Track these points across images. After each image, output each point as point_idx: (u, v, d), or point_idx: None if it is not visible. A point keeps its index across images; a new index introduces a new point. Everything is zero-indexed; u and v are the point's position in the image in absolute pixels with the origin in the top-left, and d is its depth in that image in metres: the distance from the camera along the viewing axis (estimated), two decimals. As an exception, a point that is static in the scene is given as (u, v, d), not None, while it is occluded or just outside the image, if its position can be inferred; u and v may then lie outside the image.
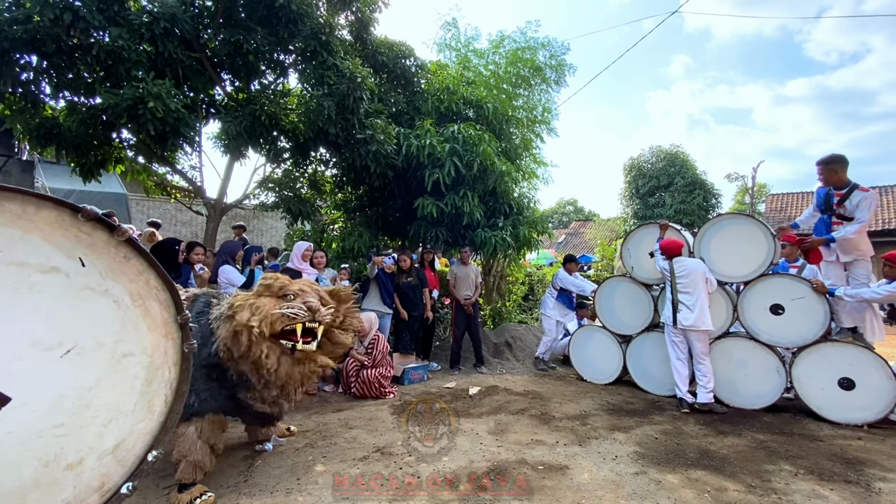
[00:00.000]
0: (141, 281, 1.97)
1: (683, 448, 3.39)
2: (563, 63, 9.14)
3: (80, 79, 4.99)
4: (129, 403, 1.94)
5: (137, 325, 1.96)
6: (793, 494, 2.67)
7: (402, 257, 5.72)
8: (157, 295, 2.03)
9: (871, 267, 4.15)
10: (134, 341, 1.95)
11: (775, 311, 4.28)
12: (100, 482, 1.85)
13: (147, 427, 2.01)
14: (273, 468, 3.01)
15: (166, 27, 4.65)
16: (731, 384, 4.43)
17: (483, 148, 5.98)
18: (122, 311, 1.91)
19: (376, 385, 4.59)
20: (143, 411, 1.99)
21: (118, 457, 1.91)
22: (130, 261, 1.94)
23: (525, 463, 3.09)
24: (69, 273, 1.75)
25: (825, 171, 4.16)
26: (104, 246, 1.85)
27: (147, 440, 2.02)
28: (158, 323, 2.05)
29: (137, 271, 1.96)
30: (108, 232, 1.85)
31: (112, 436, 1.88)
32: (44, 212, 1.69)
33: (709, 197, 21.85)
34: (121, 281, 1.90)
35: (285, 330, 2.51)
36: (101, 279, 1.85)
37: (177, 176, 6.70)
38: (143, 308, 1.98)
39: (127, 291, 1.92)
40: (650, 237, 5.04)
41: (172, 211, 11.09)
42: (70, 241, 1.76)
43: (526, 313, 9.62)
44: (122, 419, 1.92)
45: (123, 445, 1.92)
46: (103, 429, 1.85)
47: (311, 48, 5.22)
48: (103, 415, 1.85)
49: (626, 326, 5.27)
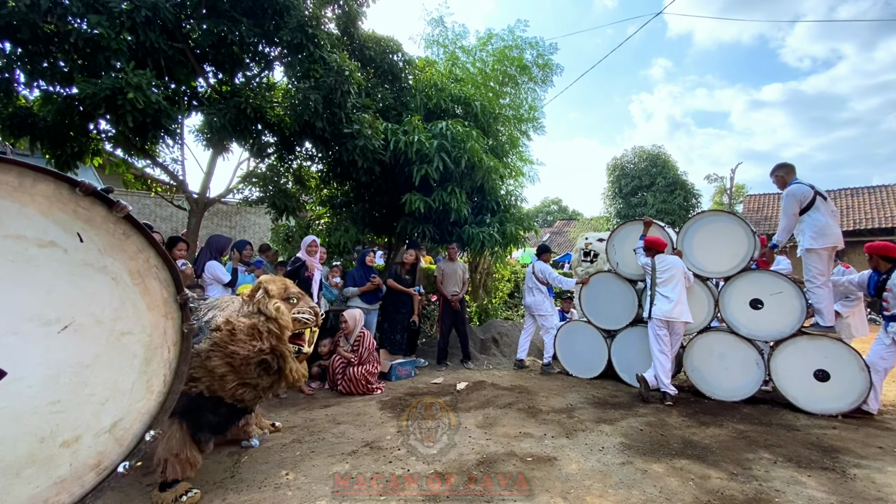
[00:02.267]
0: (140, 259, 1.95)
1: (667, 438, 3.46)
2: (550, 63, 9.23)
3: (56, 68, 4.81)
4: (127, 382, 1.92)
5: (136, 303, 1.93)
6: (773, 481, 2.76)
7: (408, 253, 5.75)
8: (156, 273, 2.01)
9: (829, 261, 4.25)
10: (133, 319, 1.92)
11: (755, 305, 4.40)
12: (96, 460, 1.84)
13: (145, 407, 1.99)
14: (261, 464, 2.97)
15: (147, 16, 4.51)
16: (713, 377, 4.54)
17: (471, 144, 5.99)
18: (121, 288, 1.88)
19: (363, 382, 4.56)
20: (142, 391, 1.97)
21: (115, 436, 1.89)
22: (130, 238, 1.91)
23: (514, 455, 3.11)
24: (67, 248, 1.73)
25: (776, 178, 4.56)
26: (102, 222, 1.82)
27: (145, 420, 1.99)
28: (158, 302, 2.02)
29: (137, 249, 1.94)
30: (106, 208, 1.82)
31: (109, 414, 1.87)
32: (41, 185, 1.66)
33: (689, 197, 22.34)
34: (120, 258, 1.88)
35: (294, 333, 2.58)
36: (100, 255, 1.82)
37: (157, 169, 6.53)
38: (142, 286, 1.95)
39: (126, 269, 1.90)
40: (634, 233, 5.13)
41: (152, 206, 10.81)
42: (68, 215, 1.73)
43: (512, 310, 9.69)
44: (120, 398, 1.90)
45: (121, 424, 1.91)
46: (100, 407, 1.83)
47: (298, 40, 5.13)
48: (101, 393, 1.83)
49: (610, 321, 5.35)
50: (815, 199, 4.19)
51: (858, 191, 18.77)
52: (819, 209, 4.20)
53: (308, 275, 4.75)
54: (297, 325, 2.56)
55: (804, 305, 4.17)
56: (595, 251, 6.03)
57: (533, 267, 5.99)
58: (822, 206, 4.20)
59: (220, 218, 12.43)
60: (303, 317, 2.57)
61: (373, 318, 5.62)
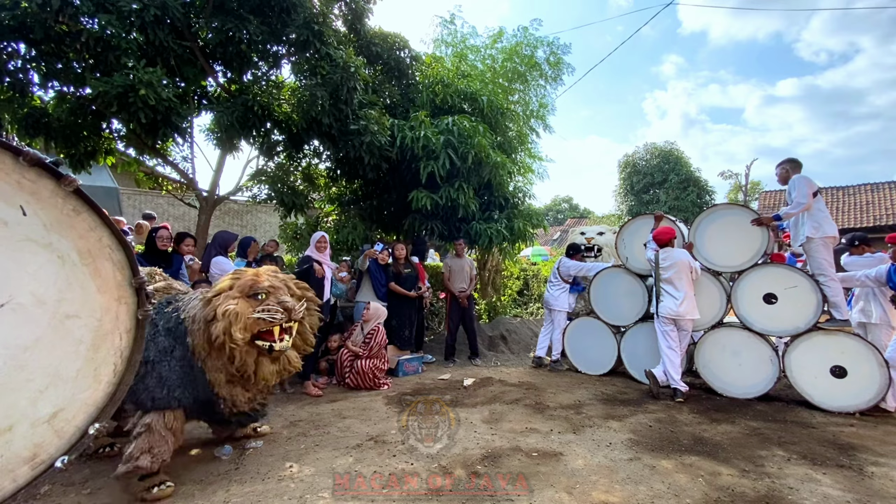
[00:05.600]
0: (92, 238, 1.80)
1: (677, 435, 3.39)
2: (562, 61, 9.15)
3: (69, 68, 4.91)
4: (70, 369, 1.77)
5: (85, 284, 1.79)
6: (786, 478, 2.68)
7: (398, 247, 5.68)
8: (110, 254, 1.86)
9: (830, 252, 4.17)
10: (80, 302, 1.78)
11: (768, 300, 4.29)
12: (31, 452, 1.69)
13: (91, 397, 1.84)
14: (265, 456, 2.98)
15: (157, 15, 4.57)
16: (725, 373, 4.45)
17: (478, 140, 5.96)
18: (68, 268, 1.74)
19: (370, 376, 4.56)
20: (88, 379, 1.82)
21: (55, 427, 1.74)
22: (81, 215, 1.77)
23: (519, 450, 3.08)
24: (7, 221, 1.60)
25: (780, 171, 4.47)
26: (50, 196, 1.68)
27: (90, 411, 1.85)
28: (110, 285, 1.87)
29: (88, 227, 1.80)
30: (54, 181, 1.68)
31: (49, 403, 1.71)
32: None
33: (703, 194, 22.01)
34: (68, 236, 1.74)
35: (261, 331, 2.47)
36: (45, 231, 1.68)
37: (168, 168, 6.62)
38: (92, 267, 1.81)
39: (75, 248, 1.76)
40: (645, 228, 5.04)
41: (164, 205, 10.99)
42: (11, 186, 1.59)
43: (521, 308, 9.63)
44: (62, 386, 1.75)
45: (62, 415, 1.75)
46: (39, 395, 1.68)
47: (304, 37, 5.15)
48: (40, 379, 1.68)
49: (620, 317, 5.28)
50: (818, 191, 4.18)
51: (879, 186, 18.26)
52: (821, 200, 4.19)
53: (319, 275, 4.72)
54: (261, 324, 2.44)
55: (820, 300, 4.05)
56: (598, 245, 5.94)
57: (558, 263, 5.96)
58: (821, 198, 4.21)
59: (231, 216, 12.58)
60: (265, 316, 2.44)
61: (383, 314, 5.61)
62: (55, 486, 2.56)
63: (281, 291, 2.57)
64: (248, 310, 2.42)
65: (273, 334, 2.49)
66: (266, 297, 2.50)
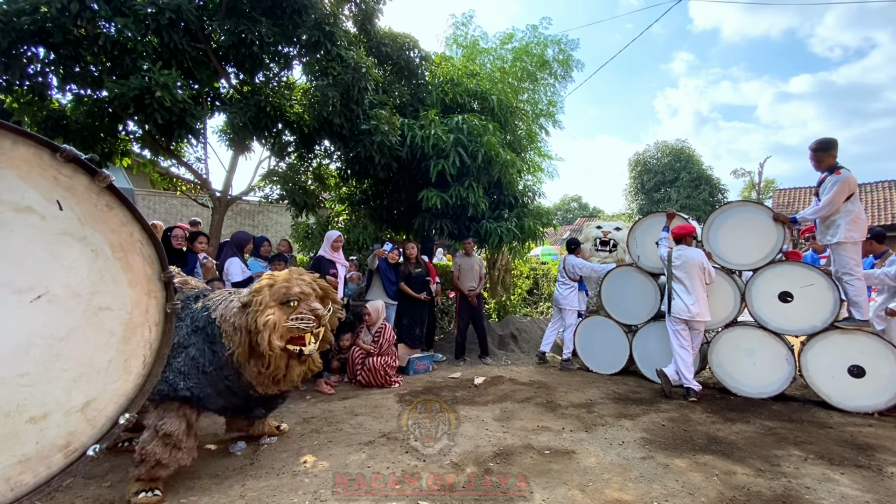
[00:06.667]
0: (124, 232, 1.85)
1: (691, 434, 3.36)
2: (571, 58, 9.11)
3: (86, 71, 5.01)
4: (102, 360, 1.81)
5: (117, 278, 1.83)
6: (803, 478, 2.64)
7: (409, 246, 5.70)
8: (140, 249, 1.91)
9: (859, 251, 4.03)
10: (112, 295, 1.82)
11: (784, 298, 4.23)
12: (65, 441, 1.72)
13: (122, 388, 1.88)
14: (280, 452, 3.01)
15: (172, 18, 4.64)
16: (739, 373, 4.39)
17: (487, 138, 5.96)
18: (101, 261, 1.78)
19: (382, 373, 4.59)
20: (119, 370, 1.86)
21: (87, 416, 1.78)
22: (113, 210, 1.82)
23: (531, 448, 3.07)
24: (45, 215, 1.64)
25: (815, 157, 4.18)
26: (85, 191, 1.73)
27: (121, 402, 1.88)
28: (140, 279, 1.91)
29: (120, 222, 1.84)
30: (89, 177, 1.73)
31: (82, 393, 1.75)
32: (21, 148, 1.58)
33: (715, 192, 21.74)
34: (101, 230, 1.78)
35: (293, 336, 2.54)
36: (80, 225, 1.72)
37: (182, 169, 6.72)
38: (124, 261, 1.85)
39: (107, 242, 1.80)
40: (657, 226, 5.00)
41: (178, 206, 11.15)
42: (48, 181, 1.64)
43: (531, 307, 9.60)
44: (95, 376, 1.79)
45: (94, 405, 1.79)
46: (73, 384, 1.72)
47: (315, 38, 5.20)
48: (74, 369, 1.72)
49: (632, 316, 5.24)
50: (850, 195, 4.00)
51: None
52: (855, 199, 4.01)
53: (333, 272, 4.76)
54: (294, 332, 2.51)
55: (837, 298, 3.98)
56: (614, 240, 5.85)
57: (564, 262, 5.92)
58: (856, 196, 4.02)
59: (244, 217, 12.72)
60: (300, 325, 2.52)
61: (391, 313, 5.64)
62: (76, 478, 2.61)
63: (311, 298, 2.64)
64: (282, 318, 2.48)
65: (304, 339, 2.56)
66: (298, 305, 2.56)
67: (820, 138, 4.16)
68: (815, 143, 4.16)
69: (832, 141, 4.11)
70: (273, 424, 3.35)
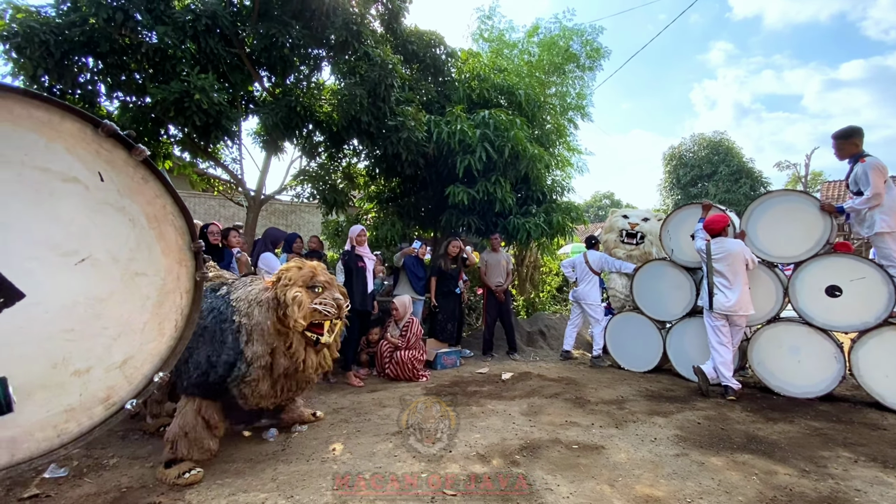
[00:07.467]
0: (158, 204, 1.97)
1: (728, 433, 3.22)
2: (598, 48, 8.92)
3: (131, 79, 5.31)
4: (139, 321, 1.93)
5: (152, 246, 1.96)
6: (852, 480, 2.49)
7: (452, 244, 5.74)
8: (172, 220, 2.03)
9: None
10: (147, 261, 1.94)
11: (832, 293, 3.99)
12: (106, 394, 1.85)
13: (156, 348, 2.01)
14: (310, 440, 3.09)
15: (208, 24, 4.86)
16: (782, 372, 4.17)
17: (514, 133, 5.90)
18: (138, 230, 1.91)
19: (409, 366, 4.63)
20: (153, 332, 1.99)
21: (125, 372, 1.90)
22: (148, 183, 1.94)
23: (559, 442, 3.03)
24: (88, 185, 1.77)
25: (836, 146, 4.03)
26: (123, 164, 1.86)
27: (155, 361, 2.01)
28: (173, 248, 2.04)
29: (154, 194, 1.96)
30: (126, 151, 1.85)
31: (120, 350, 1.88)
32: (67, 122, 1.70)
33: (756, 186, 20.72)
34: (137, 201, 1.91)
35: (313, 323, 2.60)
36: (119, 196, 1.85)
37: (219, 169, 7.00)
38: (157, 231, 1.98)
39: (143, 212, 1.93)
40: (692, 219, 4.82)
41: (216, 206, 11.63)
42: (91, 154, 1.76)
43: (560, 304, 9.44)
44: (132, 336, 1.91)
45: (131, 362, 1.92)
46: (112, 342, 1.85)
47: (343, 38, 5.30)
48: (113, 328, 1.85)
49: (665, 312, 5.06)
50: None
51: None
52: (890, 186, 3.78)
53: (361, 265, 4.84)
54: (316, 316, 2.57)
55: (893, 292, 3.72)
56: (642, 232, 5.62)
57: (586, 257, 5.79)
58: (891, 183, 3.81)
59: (277, 217, 13.14)
60: (323, 308, 2.57)
61: (419, 308, 5.68)
62: (123, 458, 2.78)
63: (334, 288, 2.73)
64: (308, 300, 2.57)
65: (322, 328, 2.63)
66: (322, 291, 2.64)
67: (843, 127, 4.02)
68: (837, 131, 4.04)
69: (855, 129, 3.97)
70: (309, 412, 3.46)
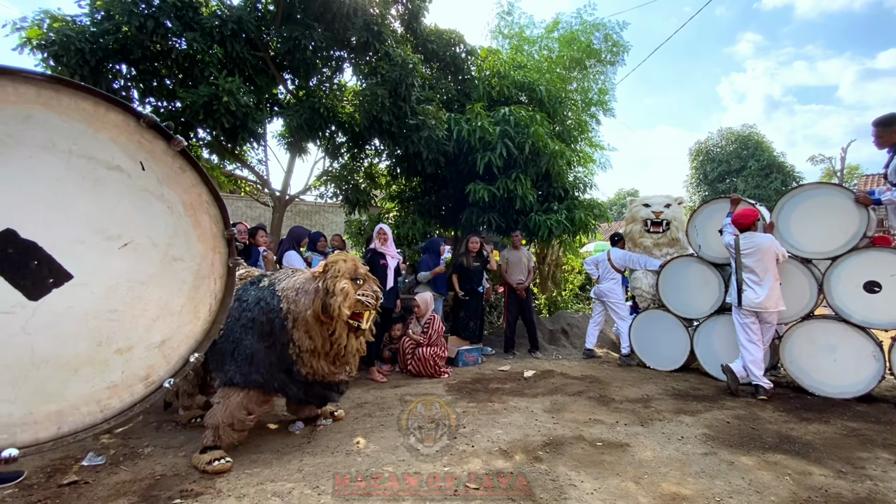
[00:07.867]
0: (194, 193, 2.07)
1: (759, 433, 3.13)
2: (620, 43, 8.78)
3: (162, 85, 5.51)
4: (176, 304, 2.04)
5: (188, 233, 2.06)
6: (892, 482, 2.39)
7: (471, 240, 5.73)
8: (207, 209, 2.13)
9: None
10: (184, 247, 2.04)
11: (870, 288, 3.82)
12: (146, 372, 1.95)
13: (192, 330, 2.11)
14: (334, 433, 3.15)
15: (233, 29, 5.00)
16: (817, 371, 4.02)
17: (534, 129, 5.86)
18: (176, 217, 2.01)
19: (431, 363, 4.66)
20: (189, 315, 2.09)
21: (164, 352, 2.00)
22: (185, 172, 2.04)
23: (582, 439, 3.00)
24: (131, 174, 1.87)
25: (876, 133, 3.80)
26: (162, 154, 1.96)
27: (191, 343, 2.11)
28: (208, 235, 2.13)
29: (191, 183, 2.06)
30: (165, 142, 1.95)
31: (159, 331, 1.98)
32: (112, 114, 1.81)
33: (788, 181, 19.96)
34: (175, 190, 2.01)
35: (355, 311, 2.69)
36: (158, 185, 1.95)
37: (245, 171, 7.20)
38: (194, 218, 2.07)
39: (180, 200, 2.03)
40: (720, 213, 4.68)
41: (243, 207, 11.95)
42: (133, 144, 1.87)
43: (583, 303, 9.32)
44: (170, 318, 2.01)
45: (169, 343, 2.02)
46: (152, 323, 1.95)
47: (364, 39, 5.37)
48: (153, 310, 1.95)
49: (693, 310, 4.94)
50: None
51: None
52: None
53: (383, 263, 4.90)
54: (359, 306, 2.66)
55: (936, 288, 3.54)
56: (666, 219, 5.44)
57: (609, 254, 5.70)
58: None
59: (302, 217, 13.40)
60: (366, 299, 2.68)
61: (439, 306, 5.70)
62: (157, 448, 2.89)
63: (372, 281, 2.84)
64: (353, 291, 2.67)
65: (363, 316, 2.73)
66: (363, 283, 2.75)
67: (884, 114, 3.78)
68: (877, 118, 3.82)
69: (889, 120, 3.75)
70: (329, 409, 3.50)
